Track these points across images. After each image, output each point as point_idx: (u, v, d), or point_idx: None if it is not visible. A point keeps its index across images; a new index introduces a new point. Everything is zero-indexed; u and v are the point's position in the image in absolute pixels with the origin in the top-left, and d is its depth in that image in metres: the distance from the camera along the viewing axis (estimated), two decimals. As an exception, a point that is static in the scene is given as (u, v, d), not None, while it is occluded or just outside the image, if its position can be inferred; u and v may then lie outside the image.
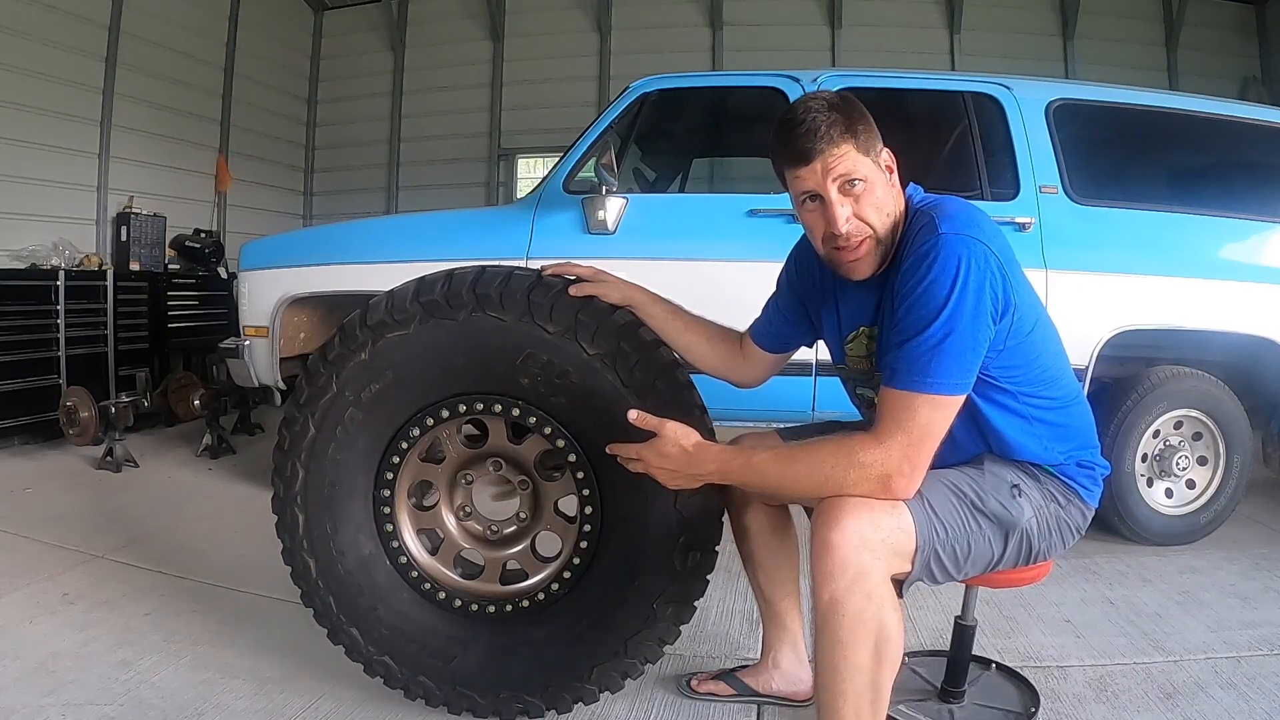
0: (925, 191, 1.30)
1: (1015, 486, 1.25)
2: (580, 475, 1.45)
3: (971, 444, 1.28)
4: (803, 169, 1.20)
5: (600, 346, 1.39)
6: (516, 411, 1.44)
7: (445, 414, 1.47)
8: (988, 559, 1.24)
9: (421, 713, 1.56)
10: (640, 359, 1.40)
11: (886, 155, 1.24)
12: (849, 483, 1.11)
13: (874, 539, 1.10)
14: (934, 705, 1.59)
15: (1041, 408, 1.26)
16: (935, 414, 1.12)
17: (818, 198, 1.21)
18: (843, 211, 1.19)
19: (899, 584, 1.18)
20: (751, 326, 1.57)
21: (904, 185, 1.29)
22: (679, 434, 1.22)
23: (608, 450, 1.30)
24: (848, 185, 1.19)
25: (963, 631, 1.57)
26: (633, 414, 1.25)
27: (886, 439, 1.11)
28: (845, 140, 1.18)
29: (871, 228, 1.21)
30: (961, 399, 1.14)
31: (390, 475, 1.51)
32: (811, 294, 1.45)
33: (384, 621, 1.51)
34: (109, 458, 3.48)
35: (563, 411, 1.42)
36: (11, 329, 3.89)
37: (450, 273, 1.46)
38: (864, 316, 1.32)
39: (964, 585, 1.47)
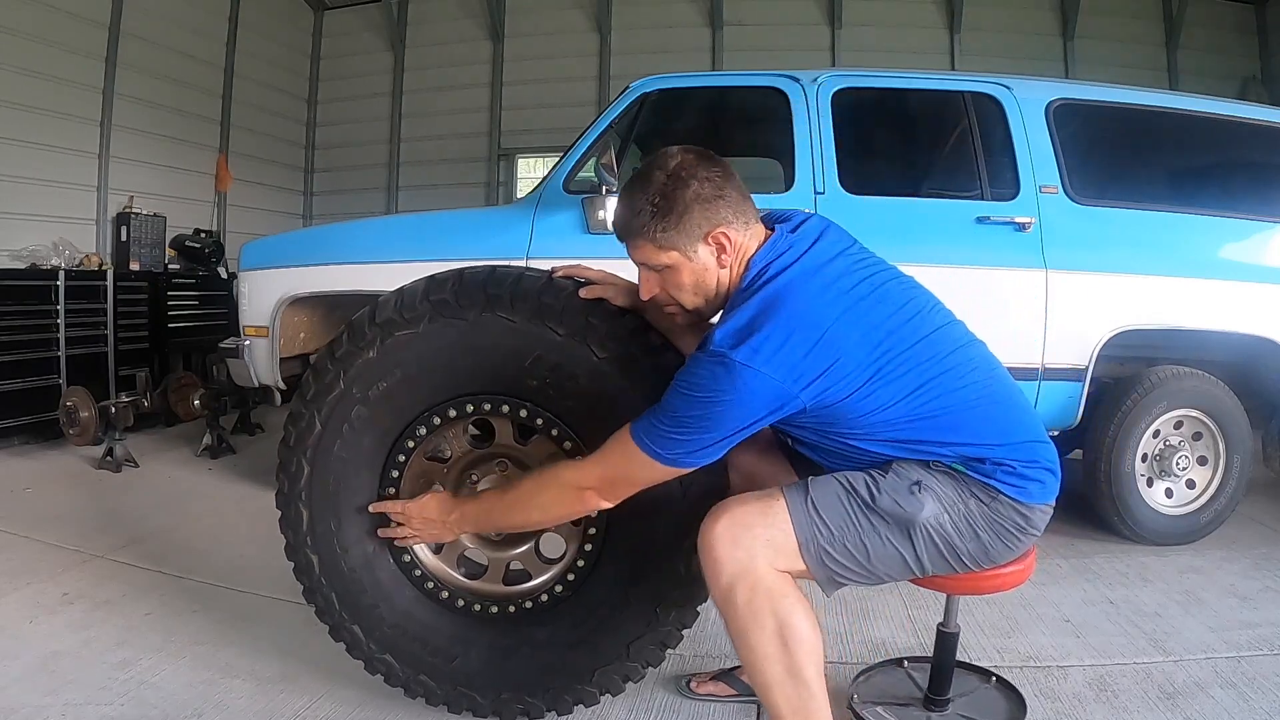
0: (837, 230, 1.32)
1: (916, 483, 1.24)
2: None
3: (858, 460, 1.28)
4: None
5: (610, 350, 1.39)
6: (524, 413, 1.44)
7: (452, 414, 1.47)
8: (899, 559, 1.24)
9: (421, 713, 1.56)
10: (649, 363, 1.40)
11: (714, 239, 1.25)
12: (552, 500, 1.31)
13: (746, 537, 1.18)
14: (915, 711, 1.58)
15: (894, 432, 1.24)
16: (640, 469, 1.23)
17: None
18: (644, 286, 1.33)
19: (821, 586, 1.24)
20: None
21: (794, 224, 1.31)
22: (423, 499, 1.45)
23: (371, 509, 1.49)
24: (648, 268, 1.31)
25: (945, 638, 1.56)
26: (372, 506, 1.48)
27: (589, 463, 1.28)
28: (641, 239, 1.27)
29: (678, 302, 1.32)
30: (675, 471, 1.23)
31: (396, 474, 1.50)
32: None
33: (386, 619, 1.51)
34: (109, 458, 3.48)
35: (571, 414, 1.42)
36: (11, 329, 3.89)
37: (461, 272, 1.45)
38: None
39: (943, 592, 1.46)
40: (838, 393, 1.18)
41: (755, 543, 1.18)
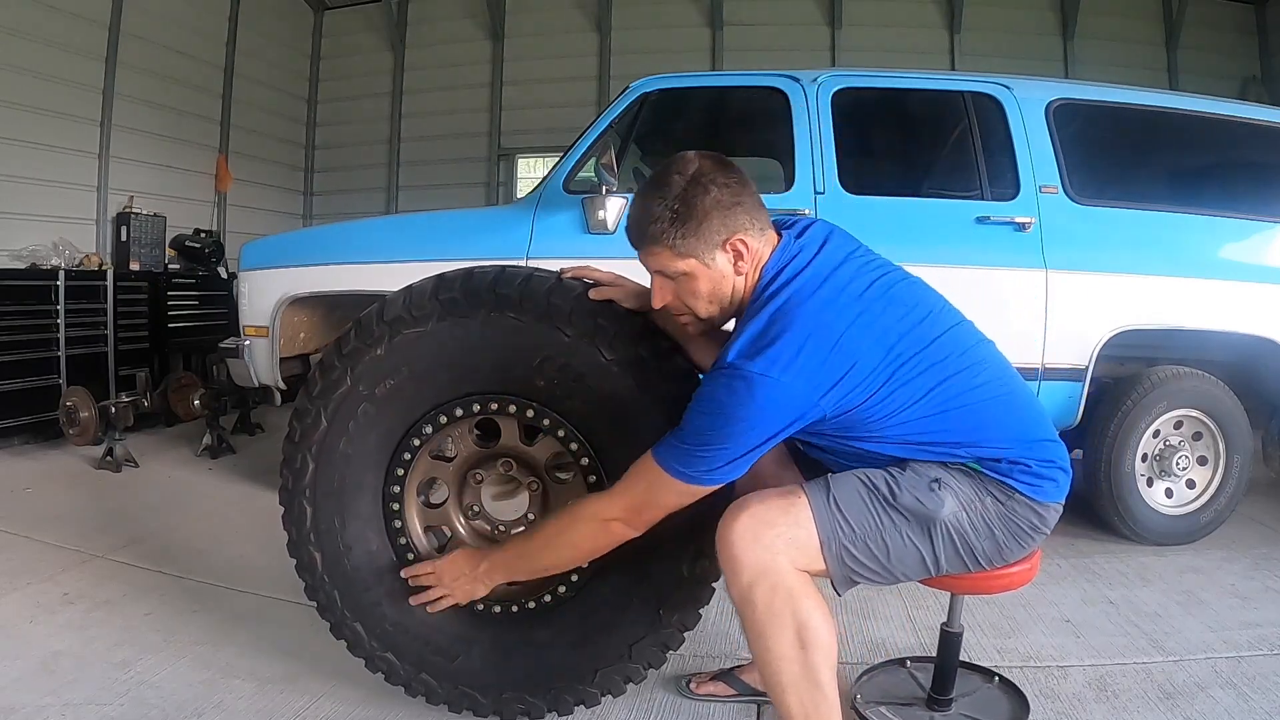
0: (836, 232, 1.31)
1: (936, 480, 1.24)
2: (592, 479, 1.44)
3: (873, 462, 1.28)
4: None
5: (618, 351, 1.38)
6: (531, 413, 1.44)
7: (459, 412, 1.47)
8: (917, 557, 1.24)
9: (422, 713, 1.56)
10: (656, 365, 1.40)
11: (731, 247, 1.23)
12: (580, 536, 1.29)
13: (768, 535, 1.16)
14: (918, 711, 1.58)
15: (913, 435, 1.24)
16: (664, 492, 1.22)
17: None
18: (657, 294, 1.30)
19: (835, 585, 1.23)
20: None
21: (801, 230, 1.30)
22: (452, 556, 1.45)
23: (404, 573, 1.48)
24: (663, 276, 1.28)
25: (949, 638, 1.55)
26: (403, 571, 1.48)
27: (614, 494, 1.26)
28: (658, 245, 1.24)
29: (691, 310, 1.30)
30: (699, 491, 1.21)
31: (401, 471, 1.51)
32: None
33: (388, 617, 1.51)
34: (109, 458, 3.48)
35: (577, 415, 1.42)
36: (11, 329, 3.89)
37: (470, 271, 1.45)
38: None
39: (950, 592, 1.46)
40: (855, 398, 1.18)
41: (778, 541, 1.16)
